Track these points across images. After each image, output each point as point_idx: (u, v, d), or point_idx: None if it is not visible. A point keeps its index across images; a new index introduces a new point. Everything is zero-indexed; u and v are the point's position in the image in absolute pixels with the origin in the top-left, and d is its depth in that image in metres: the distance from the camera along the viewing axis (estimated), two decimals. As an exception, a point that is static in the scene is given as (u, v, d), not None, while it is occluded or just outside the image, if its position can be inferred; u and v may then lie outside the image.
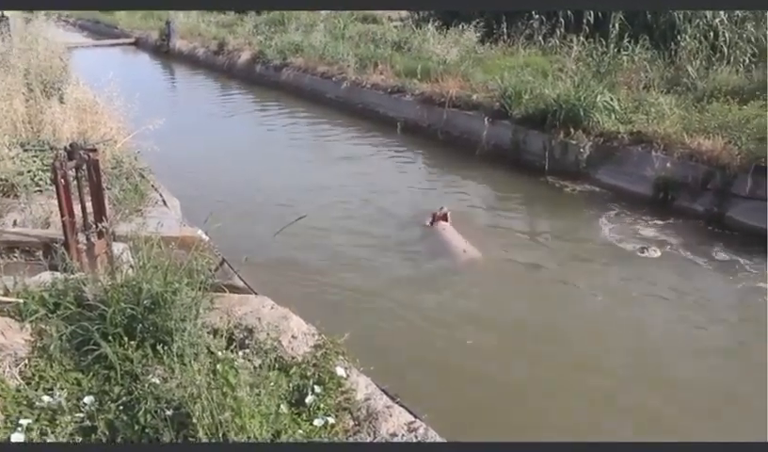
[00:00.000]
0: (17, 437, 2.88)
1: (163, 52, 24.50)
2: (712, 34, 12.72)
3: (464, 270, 7.25)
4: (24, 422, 3.00)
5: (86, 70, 12.05)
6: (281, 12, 22.93)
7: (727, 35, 12.58)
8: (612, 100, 10.24)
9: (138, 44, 27.18)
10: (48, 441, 2.92)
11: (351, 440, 3.20)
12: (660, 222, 8.39)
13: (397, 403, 3.47)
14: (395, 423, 3.30)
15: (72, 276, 3.92)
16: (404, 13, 22.49)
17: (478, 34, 15.57)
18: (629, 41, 12.94)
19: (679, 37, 12.68)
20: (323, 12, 23.35)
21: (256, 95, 17.32)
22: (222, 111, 15.78)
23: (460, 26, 15.65)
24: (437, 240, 7.85)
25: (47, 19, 14.62)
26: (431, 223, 8.16)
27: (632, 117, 10.00)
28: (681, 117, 9.59)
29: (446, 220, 8.11)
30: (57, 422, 3.01)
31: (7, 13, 13.34)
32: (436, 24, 16.59)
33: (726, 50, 12.33)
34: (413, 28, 17.51)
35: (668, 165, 8.87)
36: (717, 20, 12.84)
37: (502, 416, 4.84)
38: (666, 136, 9.18)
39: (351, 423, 3.32)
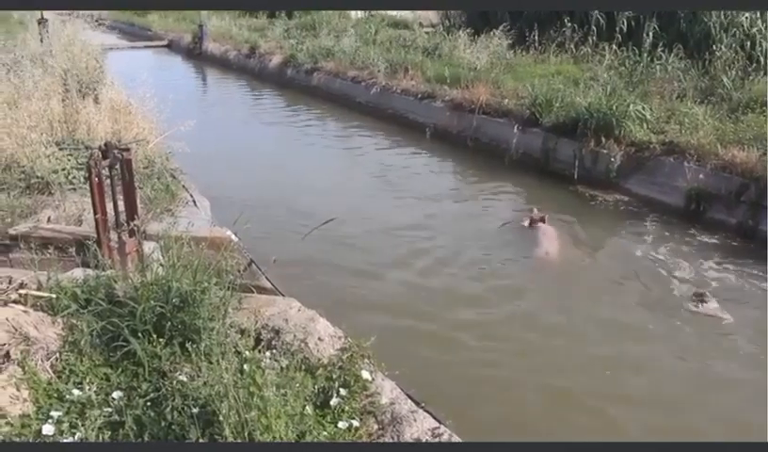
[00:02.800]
0: (48, 429, 2.93)
1: (195, 54, 24.82)
2: (749, 43, 12.54)
3: (538, 271, 7.47)
4: (54, 414, 3.04)
5: (120, 71, 12.23)
6: (313, 17, 23.12)
7: (764, 45, 12.39)
8: (644, 109, 10.12)
9: (171, 46, 27.57)
10: (77, 434, 2.96)
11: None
12: (705, 241, 8.02)
13: (422, 408, 3.46)
14: (420, 428, 3.28)
15: (103, 273, 3.97)
16: (435, 19, 22.55)
17: (509, 41, 15.52)
18: (662, 51, 12.81)
19: (714, 46, 12.50)
20: (353, 17, 23.50)
21: (287, 99, 17.45)
22: (253, 114, 15.92)
23: (491, 33, 15.59)
24: (533, 239, 8.08)
25: (76, 18, 14.89)
26: (529, 225, 8.39)
27: (665, 127, 9.88)
28: (715, 127, 9.45)
29: (544, 222, 8.35)
30: (87, 415, 3.05)
31: (46, 15, 13.61)
32: (467, 30, 16.56)
33: (762, 60, 12.14)
34: (444, 34, 17.51)
35: (701, 176, 8.73)
36: (755, 29, 12.67)
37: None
38: (700, 146, 9.04)
39: (375, 427, 3.31)
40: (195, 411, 3.00)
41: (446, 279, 7.14)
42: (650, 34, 13.46)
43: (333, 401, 3.31)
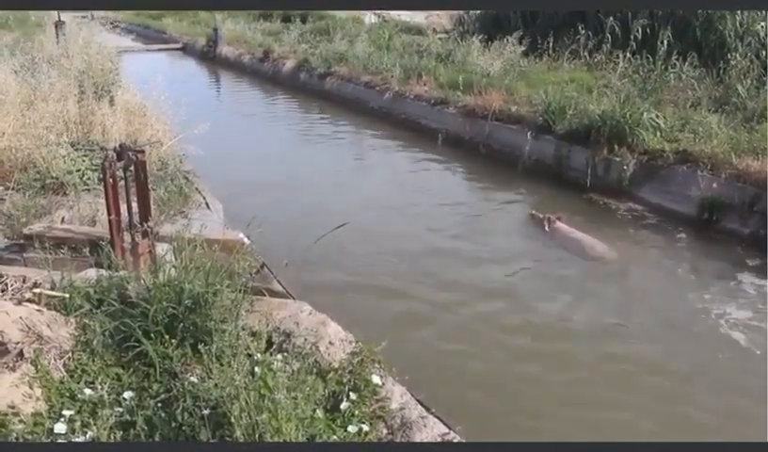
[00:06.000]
0: (60, 427, 2.95)
1: (209, 57, 24.92)
2: (764, 52, 12.47)
3: (601, 263, 7.66)
4: (66, 413, 3.06)
5: (134, 73, 12.32)
6: (327, 22, 23.21)
7: (780, 54, 12.33)
8: (658, 117, 10.08)
9: (186, 50, 27.71)
10: (89, 433, 2.98)
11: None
12: (720, 251, 7.83)
13: (432, 414, 3.45)
14: (429, 433, 3.28)
15: (116, 273, 4.00)
16: (448, 25, 22.58)
17: (522, 48, 15.50)
18: (677, 59, 12.76)
19: (729, 55, 12.43)
20: (367, 22, 23.57)
21: (300, 103, 17.50)
22: (265, 118, 15.99)
23: (505, 40, 15.59)
24: (567, 239, 8.18)
25: (91, 20, 15.05)
26: (548, 227, 8.44)
27: (679, 135, 9.82)
28: (729, 137, 9.38)
29: (561, 221, 8.47)
30: (98, 415, 3.07)
31: (62, 17, 13.75)
32: (480, 37, 16.57)
33: (778, 69, 12.07)
34: (457, 40, 17.52)
35: (714, 185, 8.67)
36: (770, 39, 12.63)
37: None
38: (713, 155, 8.98)
39: (385, 431, 3.32)
40: (206, 412, 3.02)
41: (468, 285, 7.13)
42: (665, 42, 13.41)
43: (343, 405, 3.31)
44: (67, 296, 3.85)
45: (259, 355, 3.41)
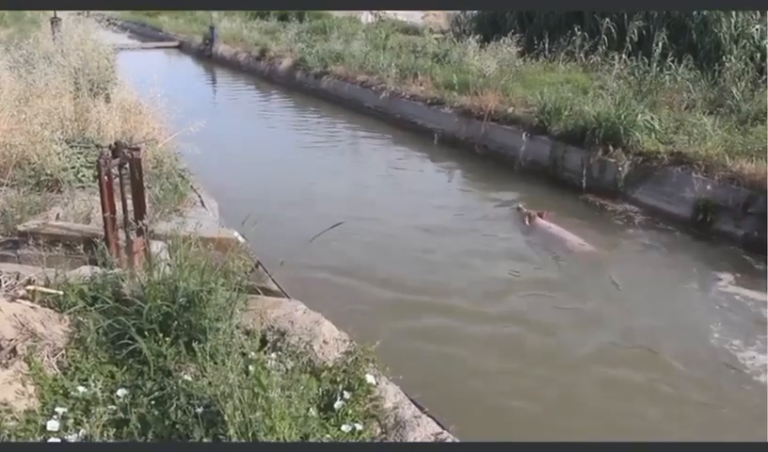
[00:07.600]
0: (53, 425, 2.95)
1: (206, 56, 24.90)
2: (759, 55, 12.52)
3: (584, 261, 7.72)
4: (59, 410, 3.07)
5: (130, 71, 12.28)
6: (323, 21, 23.20)
7: (774, 57, 12.36)
8: (653, 119, 10.10)
9: (182, 48, 27.67)
10: (81, 431, 2.98)
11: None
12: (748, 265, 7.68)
13: (425, 413, 3.46)
14: (423, 433, 3.29)
15: (110, 271, 3.99)
16: (445, 26, 22.61)
17: (518, 48, 15.51)
18: (672, 61, 12.79)
19: (724, 57, 12.48)
20: (364, 22, 23.57)
21: (296, 102, 17.48)
22: (261, 117, 15.98)
23: (501, 40, 15.59)
24: (546, 235, 8.34)
25: (87, 17, 15.02)
26: (530, 222, 8.60)
27: (673, 137, 9.84)
28: (724, 139, 9.40)
29: (542, 217, 8.60)
30: (91, 412, 3.07)
31: (58, 14, 13.71)
32: (477, 37, 16.58)
33: (772, 72, 12.11)
34: (454, 41, 17.52)
35: (709, 187, 8.70)
36: (765, 41, 12.66)
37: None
38: (708, 157, 9.00)
39: (378, 430, 3.32)
40: (199, 410, 3.02)
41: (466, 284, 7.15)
42: (660, 44, 13.45)
43: (337, 404, 3.32)
44: (61, 293, 3.85)
45: (253, 354, 3.41)
